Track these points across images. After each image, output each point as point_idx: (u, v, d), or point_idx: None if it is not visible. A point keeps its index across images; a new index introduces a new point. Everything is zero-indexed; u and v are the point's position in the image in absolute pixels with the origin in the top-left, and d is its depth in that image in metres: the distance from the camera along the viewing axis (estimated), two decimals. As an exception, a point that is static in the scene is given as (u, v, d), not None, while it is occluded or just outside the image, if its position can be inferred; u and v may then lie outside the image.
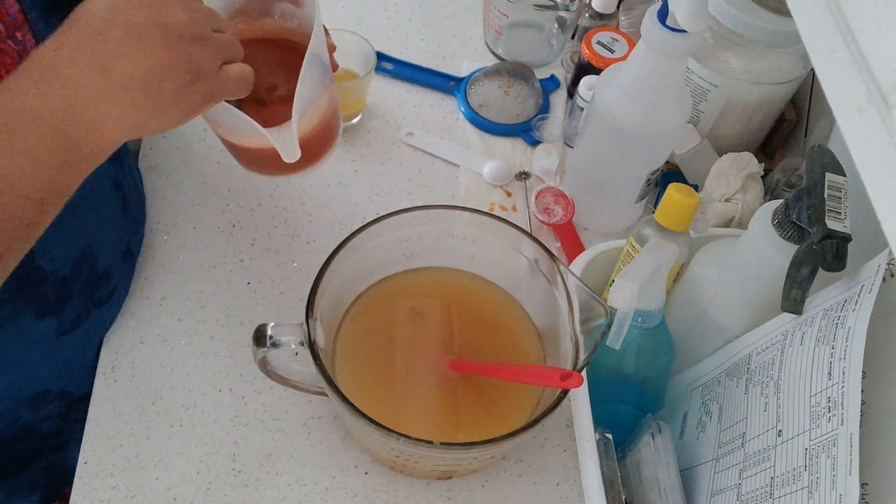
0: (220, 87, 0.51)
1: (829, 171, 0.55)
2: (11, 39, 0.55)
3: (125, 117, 0.47)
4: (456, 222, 0.68)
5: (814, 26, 0.36)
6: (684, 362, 0.69)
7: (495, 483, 0.68)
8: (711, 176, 0.80)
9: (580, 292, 0.60)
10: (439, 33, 0.99)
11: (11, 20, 0.55)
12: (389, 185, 0.85)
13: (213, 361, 0.71)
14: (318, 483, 0.66)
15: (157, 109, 0.48)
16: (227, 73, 0.51)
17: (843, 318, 0.51)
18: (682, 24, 0.61)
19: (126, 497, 0.64)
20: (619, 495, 0.61)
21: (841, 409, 0.49)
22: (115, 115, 0.46)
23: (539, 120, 0.90)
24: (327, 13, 0.98)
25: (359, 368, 0.66)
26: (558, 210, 0.82)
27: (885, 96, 0.30)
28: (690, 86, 0.81)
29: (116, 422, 0.67)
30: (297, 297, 0.76)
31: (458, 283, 0.72)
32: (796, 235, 0.57)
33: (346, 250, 0.63)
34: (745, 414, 0.59)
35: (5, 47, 0.55)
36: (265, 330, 0.58)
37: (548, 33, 0.97)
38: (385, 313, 0.70)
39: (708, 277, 0.65)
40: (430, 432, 0.58)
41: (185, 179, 0.82)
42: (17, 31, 0.56)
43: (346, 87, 0.84)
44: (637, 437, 0.64)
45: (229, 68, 0.51)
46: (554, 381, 0.57)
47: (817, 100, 0.85)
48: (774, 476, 0.53)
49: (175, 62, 0.47)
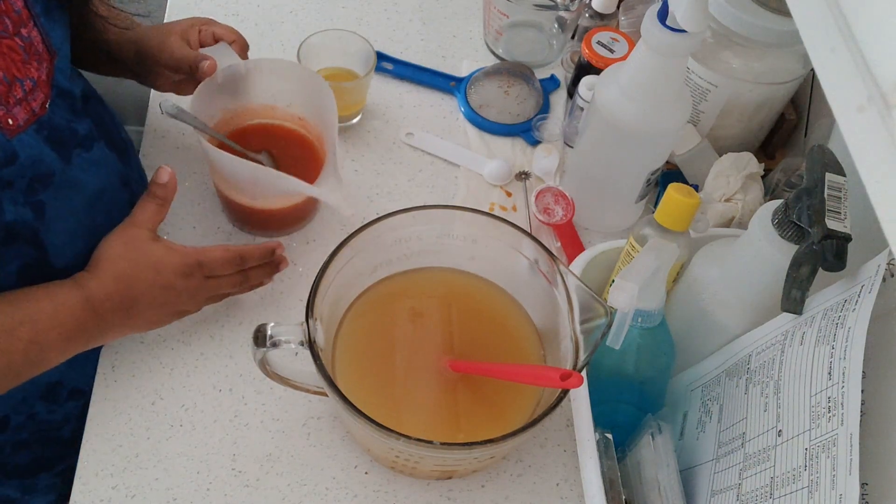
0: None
1: (829, 171, 0.55)
2: (18, 36, 0.56)
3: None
4: (456, 222, 0.68)
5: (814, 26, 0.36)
6: (684, 362, 0.69)
7: (495, 483, 0.68)
8: (711, 176, 0.80)
9: (580, 292, 0.60)
10: (439, 33, 0.99)
11: (17, 16, 0.56)
12: (389, 185, 0.85)
13: (213, 361, 0.71)
14: (318, 483, 0.66)
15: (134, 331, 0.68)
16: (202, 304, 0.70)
17: (843, 318, 0.51)
18: (682, 24, 0.61)
19: (126, 497, 0.64)
20: (619, 495, 0.61)
21: (841, 409, 0.49)
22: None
23: (539, 120, 0.90)
24: (328, 13, 0.98)
25: (359, 368, 0.66)
26: (558, 210, 0.82)
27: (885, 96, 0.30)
28: (690, 86, 0.81)
29: (116, 422, 0.67)
30: (297, 297, 0.76)
31: (458, 283, 0.72)
32: (796, 235, 0.57)
33: (346, 250, 0.63)
34: (745, 414, 0.59)
35: (13, 43, 0.55)
36: (265, 330, 0.58)
37: (548, 33, 0.97)
38: (385, 313, 0.70)
39: (708, 277, 0.65)
40: (430, 432, 0.58)
41: (186, 179, 0.82)
42: (23, 28, 0.56)
43: (346, 87, 0.84)
44: (637, 437, 0.64)
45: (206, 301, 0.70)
46: (554, 381, 0.57)
47: (817, 100, 0.85)
48: (774, 476, 0.53)
49: (172, 319, 0.68)
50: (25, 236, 0.60)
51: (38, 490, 0.80)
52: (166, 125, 0.85)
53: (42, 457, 0.77)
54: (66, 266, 0.64)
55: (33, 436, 0.74)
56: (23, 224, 0.59)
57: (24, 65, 0.57)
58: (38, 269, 0.62)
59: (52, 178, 0.61)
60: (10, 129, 0.56)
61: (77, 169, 0.63)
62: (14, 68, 0.56)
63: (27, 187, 0.59)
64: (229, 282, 0.69)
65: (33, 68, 0.58)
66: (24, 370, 0.59)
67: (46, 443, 0.75)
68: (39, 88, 0.59)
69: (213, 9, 0.96)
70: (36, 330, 0.58)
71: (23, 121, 0.57)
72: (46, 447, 0.76)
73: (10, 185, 0.57)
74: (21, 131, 0.57)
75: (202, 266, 0.66)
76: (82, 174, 0.64)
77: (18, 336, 0.57)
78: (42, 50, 0.59)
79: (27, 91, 0.57)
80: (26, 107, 0.57)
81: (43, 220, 0.61)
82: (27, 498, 0.80)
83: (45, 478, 0.79)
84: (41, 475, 0.78)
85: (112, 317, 0.63)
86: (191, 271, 0.65)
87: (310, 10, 0.98)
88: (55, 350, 0.60)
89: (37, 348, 0.58)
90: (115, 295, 0.62)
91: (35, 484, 0.79)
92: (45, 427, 0.74)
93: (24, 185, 0.58)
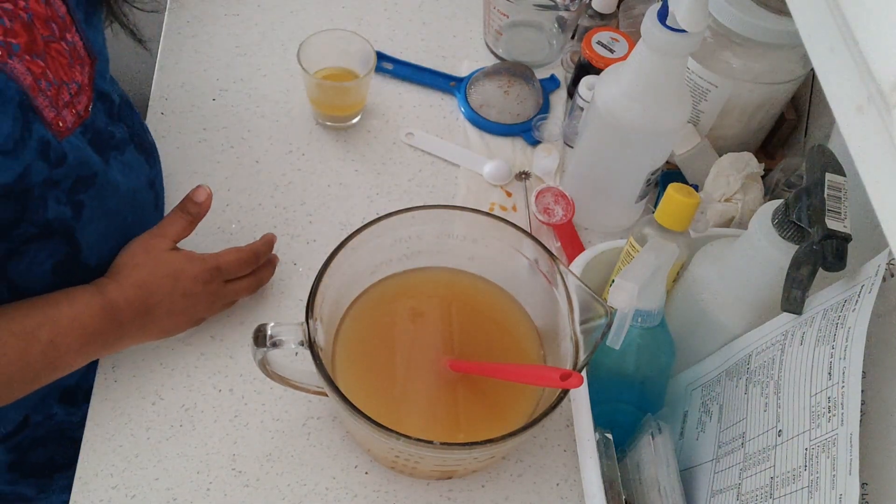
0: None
1: (829, 171, 0.55)
2: (63, 40, 0.57)
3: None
4: (456, 222, 0.68)
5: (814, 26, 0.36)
6: (684, 362, 0.69)
7: (495, 483, 0.68)
8: (711, 176, 0.80)
9: (580, 292, 0.60)
10: (439, 33, 0.99)
11: (62, 21, 0.58)
12: (389, 185, 0.85)
13: (213, 361, 0.71)
14: (318, 483, 0.66)
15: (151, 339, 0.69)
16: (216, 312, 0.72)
17: (843, 318, 0.51)
18: (682, 24, 0.61)
19: (126, 497, 0.64)
20: (619, 495, 0.61)
21: (841, 409, 0.49)
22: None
23: (539, 120, 0.90)
24: (328, 13, 0.98)
25: (359, 368, 0.66)
26: (558, 210, 0.82)
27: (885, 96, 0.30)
28: (690, 86, 0.81)
29: (116, 422, 0.67)
30: (297, 297, 0.76)
31: (458, 283, 0.72)
32: (796, 235, 0.57)
33: (346, 250, 0.63)
34: (744, 414, 0.59)
35: (60, 47, 0.57)
36: (265, 330, 0.58)
37: (548, 33, 0.97)
38: (385, 313, 0.70)
39: (708, 277, 0.65)
40: (430, 432, 0.58)
41: (186, 180, 0.82)
42: (67, 32, 0.58)
43: (346, 87, 0.84)
44: (637, 437, 0.64)
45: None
46: (554, 381, 0.57)
47: (817, 100, 0.85)
48: (774, 476, 0.53)
49: (188, 326, 0.70)
50: (62, 234, 0.62)
51: (54, 490, 0.80)
52: (166, 125, 0.85)
53: (58, 456, 0.77)
54: (97, 264, 0.65)
55: (50, 434, 0.75)
56: (61, 222, 0.61)
57: (69, 68, 0.58)
58: (72, 266, 0.64)
59: (94, 180, 0.62)
60: (61, 132, 0.57)
61: (113, 171, 0.65)
62: (62, 72, 0.57)
63: (71, 187, 0.60)
64: (246, 285, 0.71)
65: (77, 72, 0.59)
66: (42, 373, 0.59)
67: (63, 442, 0.76)
68: (83, 92, 0.60)
69: (213, 9, 0.96)
70: (55, 332, 0.59)
71: (71, 123, 0.58)
72: (63, 447, 0.76)
73: (57, 185, 0.59)
74: (69, 133, 0.58)
75: (220, 271, 0.68)
76: (118, 176, 0.66)
77: (38, 337, 0.58)
78: (84, 54, 0.60)
79: (73, 94, 0.59)
80: (72, 110, 0.59)
81: (80, 219, 0.62)
82: (42, 496, 0.80)
83: (60, 478, 0.80)
84: (56, 475, 0.79)
85: (130, 323, 0.63)
86: (210, 277, 0.67)
87: (310, 10, 0.98)
88: (72, 354, 0.60)
89: (55, 351, 0.59)
90: (134, 301, 0.63)
91: (50, 484, 0.80)
92: (63, 427, 0.75)
93: (69, 186, 0.60)
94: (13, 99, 0.51)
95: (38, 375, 0.59)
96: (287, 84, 0.91)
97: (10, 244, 0.58)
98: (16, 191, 0.54)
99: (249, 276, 0.71)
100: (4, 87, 0.50)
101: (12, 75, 0.51)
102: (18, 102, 0.52)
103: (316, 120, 0.89)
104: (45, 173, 0.56)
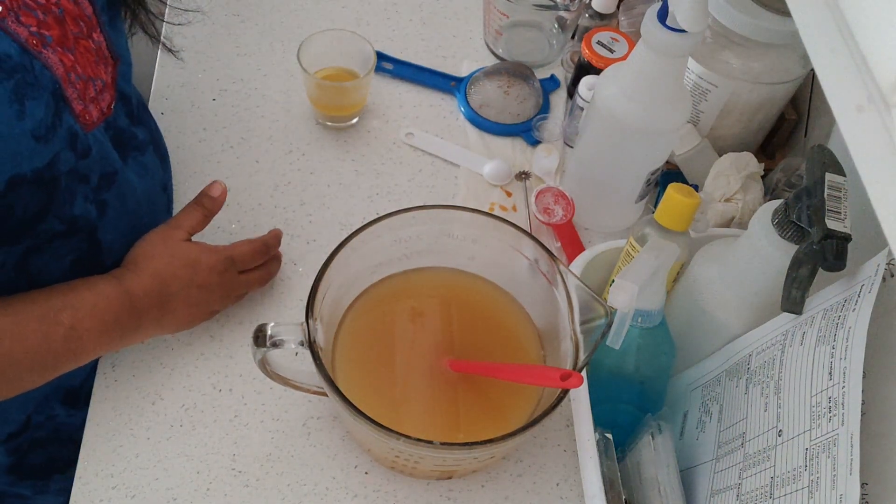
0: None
1: (829, 171, 0.55)
2: (90, 38, 0.59)
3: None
4: (456, 222, 0.68)
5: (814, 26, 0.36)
6: (684, 362, 0.69)
7: (495, 483, 0.68)
8: (711, 176, 0.80)
9: (580, 292, 0.60)
10: (439, 33, 0.99)
11: (89, 21, 0.59)
12: (389, 185, 0.85)
13: (213, 361, 0.71)
14: (317, 483, 0.66)
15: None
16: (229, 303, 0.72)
17: (843, 318, 0.51)
18: (682, 24, 0.61)
19: (126, 497, 0.64)
20: (619, 495, 0.61)
21: (841, 409, 0.48)
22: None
23: (539, 120, 0.90)
24: (328, 13, 0.98)
25: (359, 368, 0.66)
26: (558, 210, 0.82)
27: (885, 96, 0.30)
28: (690, 86, 0.81)
29: (116, 422, 0.67)
30: (297, 297, 0.76)
31: (458, 283, 0.72)
32: (796, 235, 0.57)
33: (346, 250, 0.63)
34: (745, 414, 0.59)
35: (88, 44, 0.59)
36: (265, 330, 0.58)
37: (548, 33, 0.97)
38: (385, 313, 0.70)
39: (708, 277, 0.65)
40: (430, 432, 0.58)
41: (186, 179, 0.82)
42: (94, 32, 0.60)
43: (346, 87, 0.84)
44: (637, 437, 0.64)
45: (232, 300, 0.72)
46: (554, 381, 0.57)
47: (817, 100, 0.85)
48: (774, 476, 0.53)
49: (202, 319, 0.70)
50: (86, 232, 0.62)
51: (50, 491, 0.80)
52: (166, 125, 0.85)
53: (57, 458, 0.77)
54: (115, 264, 0.66)
55: (50, 435, 0.75)
56: (86, 220, 0.62)
57: (95, 66, 0.59)
58: (90, 265, 0.64)
59: (115, 177, 0.63)
60: (87, 125, 0.59)
61: (130, 171, 0.66)
62: (89, 68, 0.58)
63: (97, 185, 0.61)
64: (257, 276, 0.72)
65: (102, 70, 0.60)
66: (62, 358, 0.60)
67: (62, 443, 0.76)
68: (107, 90, 0.61)
69: (213, 8, 0.96)
70: (76, 317, 0.59)
71: (96, 118, 0.60)
72: (62, 448, 0.76)
73: (86, 181, 0.60)
74: (94, 128, 0.60)
75: (234, 261, 0.69)
76: (135, 177, 0.67)
77: (60, 321, 0.58)
78: (108, 55, 0.62)
79: (98, 91, 0.60)
80: (97, 106, 0.60)
81: (103, 218, 0.63)
82: (38, 498, 0.80)
83: (58, 480, 0.80)
84: (55, 476, 0.79)
85: (147, 313, 0.64)
86: (225, 267, 0.68)
87: (310, 10, 0.98)
88: (93, 341, 0.61)
89: (76, 335, 0.59)
90: (152, 291, 0.64)
91: (48, 485, 0.80)
92: (63, 429, 0.75)
93: (95, 182, 0.61)
94: (47, 87, 0.53)
95: (58, 360, 0.59)
96: (287, 84, 0.91)
97: (35, 241, 0.59)
98: (45, 178, 0.55)
99: (260, 267, 0.72)
100: (40, 75, 0.52)
101: (47, 64, 0.53)
102: (52, 91, 0.53)
103: (316, 120, 0.89)
104: (72, 163, 0.57)
